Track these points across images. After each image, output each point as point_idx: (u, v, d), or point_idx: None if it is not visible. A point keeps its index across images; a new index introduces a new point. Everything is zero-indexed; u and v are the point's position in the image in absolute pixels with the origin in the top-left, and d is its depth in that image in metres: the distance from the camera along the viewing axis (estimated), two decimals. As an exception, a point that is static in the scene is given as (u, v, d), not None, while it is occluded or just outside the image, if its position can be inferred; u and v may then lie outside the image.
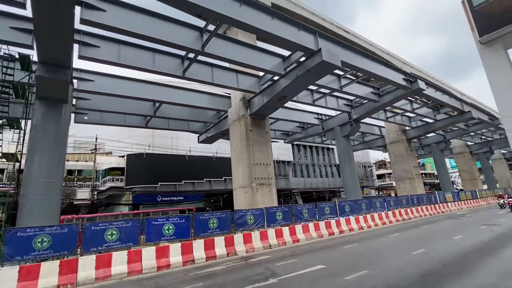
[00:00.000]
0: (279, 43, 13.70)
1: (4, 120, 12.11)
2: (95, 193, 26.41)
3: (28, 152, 11.57)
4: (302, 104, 20.89)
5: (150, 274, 8.83)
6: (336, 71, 16.30)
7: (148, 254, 9.23)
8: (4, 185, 16.15)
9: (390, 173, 56.86)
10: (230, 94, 18.90)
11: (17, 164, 12.55)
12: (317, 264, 8.24)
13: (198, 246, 10.34)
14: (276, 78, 15.36)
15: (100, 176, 28.65)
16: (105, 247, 9.05)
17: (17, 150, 11.89)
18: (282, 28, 11.90)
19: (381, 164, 69.98)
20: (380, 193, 60.14)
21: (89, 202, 25.72)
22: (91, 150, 27.69)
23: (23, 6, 9.18)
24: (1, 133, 12.26)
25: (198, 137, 23.69)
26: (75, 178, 27.27)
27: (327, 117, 25.77)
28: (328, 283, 6.38)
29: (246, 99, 17.10)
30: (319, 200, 42.82)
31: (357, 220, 16.81)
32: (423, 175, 52.09)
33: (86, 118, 17.43)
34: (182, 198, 29.74)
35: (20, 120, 12.72)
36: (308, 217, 15.17)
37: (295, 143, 35.48)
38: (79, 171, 28.51)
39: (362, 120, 25.04)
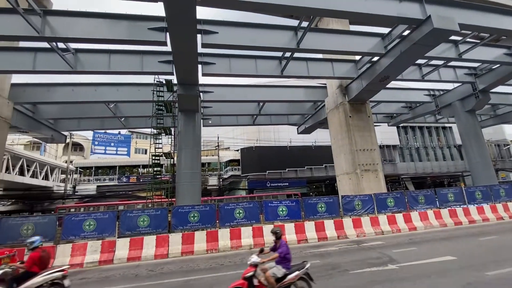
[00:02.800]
0: (375, 22, 12.12)
1: (161, 129, 15.84)
2: (221, 180, 30.99)
3: (177, 150, 14.71)
4: (408, 81, 17.83)
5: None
6: (452, 37, 12.99)
7: (268, 231, 10.15)
8: (164, 175, 21.18)
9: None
10: (325, 84, 18.18)
11: (171, 160, 16.23)
12: (444, 254, 7.01)
13: (310, 227, 10.59)
14: (375, 59, 13.68)
15: (223, 166, 33.33)
16: (235, 223, 10.57)
17: (171, 150, 15.37)
18: (378, 5, 10.41)
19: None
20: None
21: (217, 187, 30.42)
22: (215, 147, 32.58)
23: (164, 44, 11.62)
24: (161, 138, 16.08)
25: (297, 128, 23.95)
26: (206, 169, 32.73)
27: (441, 92, 21.03)
28: (464, 277, 5.32)
29: (343, 86, 16.02)
30: (435, 186, 35.71)
31: (493, 208, 13.18)
32: None
33: (210, 122, 20.55)
34: (287, 184, 30.97)
35: (171, 128, 16.28)
36: (425, 204, 12.98)
37: (401, 125, 30.72)
38: (208, 164, 34.07)
39: (492, 90, 19.07)
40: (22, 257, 8.45)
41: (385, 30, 12.89)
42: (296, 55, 13.20)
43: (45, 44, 10.99)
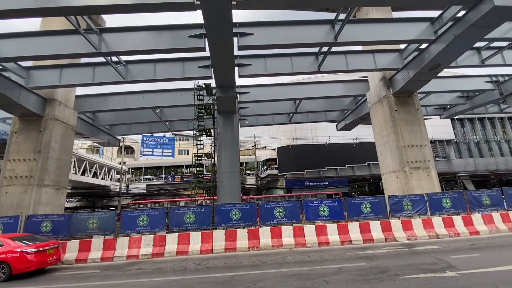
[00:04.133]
0: (424, 4, 11.13)
1: (202, 131, 16.67)
2: (258, 179, 31.42)
3: (217, 151, 15.32)
4: (465, 68, 15.93)
5: (312, 248, 9.56)
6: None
7: (309, 230, 10.02)
8: (205, 175, 22.22)
9: None
10: (366, 77, 17.20)
11: (212, 160, 16.97)
12: (516, 263, 6.14)
13: (353, 228, 10.16)
14: (423, 46, 12.52)
15: (260, 166, 33.75)
16: (275, 222, 10.64)
17: (211, 150, 16.08)
18: (428, -15, 9.53)
19: None
20: None
21: (255, 186, 30.91)
22: (252, 146, 33.13)
23: (203, 49, 12.14)
24: (202, 139, 16.92)
25: (337, 125, 23.10)
26: (244, 168, 33.47)
27: (506, 78, 18.33)
28: (544, 290, 4.61)
29: (387, 78, 14.98)
30: (500, 185, 31.30)
31: None
32: None
33: (247, 122, 20.96)
34: (327, 183, 30.09)
35: (211, 130, 17.03)
36: (490, 205, 11.50)
37: (457, 117, 27.60)
38: (246, 163, 34.82)
39: None
40: (88, 248, 9.67)
41: (434, 14, 11.70)
42: (334, 49, 12.74)
43: (101, 59, 12.35)
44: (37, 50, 10.85)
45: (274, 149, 33.86)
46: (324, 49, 12.68)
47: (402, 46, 14.06)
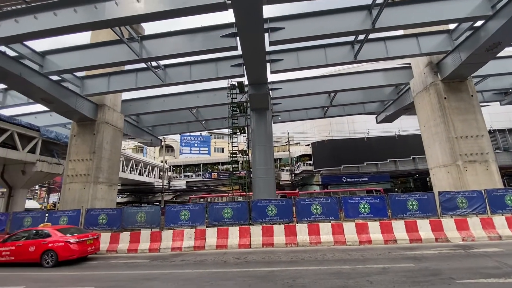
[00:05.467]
0: (478, -24, 9.82)
1: (236, 128, 17.02)
2: (293, 175, 31.11)
3: (251, 148, 15.52)
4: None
5: (353, 246, 9.20)
6: None
7: (349, 228, 9.66)
8: (240, 171, 22.66)
9: None
10: (409, 63, 15.85)
11: (246, 156, 17.24)
12: None
13: (398, 227, 9.53)
14: (478, 24, 11.11)
15: (294, 162, 33.35)
16: (312, 218, 10.46)
17: (245, 147, 16.33)
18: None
19: None
20: None
21: (290, 182, 30.67)
22: (285, 142, 32.87)
23: (235, 48, 12.30)
24: (236, 137, 17.29)
25: (376, 117, 21.73)
26: (278, 165, 33.40)
27: None
28: None
29: (434, 63, 13.64)
30: None
31: None
32: None
33: (279, 118, 20.82)
34: (366, 179, 28.59)
35: (245, 127, 17.30)
36: None
37: (521, 102, 23.95)
38: (280, 159, 34.70)
39: None
40: (137, 240, 10.56)
41: (492, -15, 10.27)
42: (371, 36, 11.96)
43: (142, 65, 13.28)
44: (89, 61, 12.09)
45: (308, 145, 33.15)
46: (361, 37, 11.98)
47: (452, 26, 12.64)
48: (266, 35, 10.93)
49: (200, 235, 10.35)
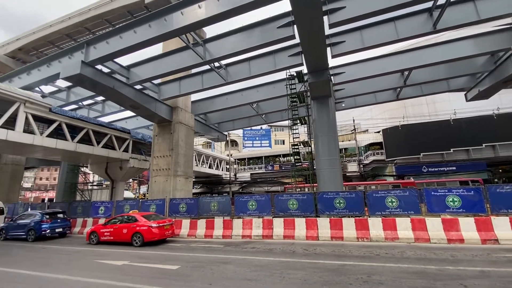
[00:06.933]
0: None
1: (297, 119, 16.83)
2: (361, 166, 29.02)
3: (314, 138, 15.13)
4: None
5: (439, 245, 8.12)
6: None
7: (433, 224, 8.54)
8: (303, 163, 22.43)
9: None
10: (509, 24, 12.66)
11: (309, 147, 16.91)
12: None
13: (500, 224, 7.94)
14: None
15: (362, 151, 30.98)
16: (387, 212, 9.62)
17: (307, 138, 16.02)
18: None
19: None
20: None
21: (358, 173, 28.73)
22: (351, 130, 30.81)
23: (293, 37, 12.04)
24: (297, 128, 17.11)
25: (465, 94, 18.18)
26: (343, 155, 31.63)
27: None
28: None
29: (552, 16, 10.55)
30: None
31: None
32: None
33: (343, 105, 19.59)
34: (454, 168, 24.50)
35: (305, 117, 16.97)
36: None
37: None
38: (345, 149, 32.76)
39: None
40: (212, 226, 11.66)
41: None
42: (456, -3, 10.01)
43: (206, 67, 14.35)
44: (163, 69, 13.78)
45: (378, 132, 30.22)
46: (441, 1, 10.15)
47: None
48: (325, 18, 10.39)
49: (267, 225, 10.77)
